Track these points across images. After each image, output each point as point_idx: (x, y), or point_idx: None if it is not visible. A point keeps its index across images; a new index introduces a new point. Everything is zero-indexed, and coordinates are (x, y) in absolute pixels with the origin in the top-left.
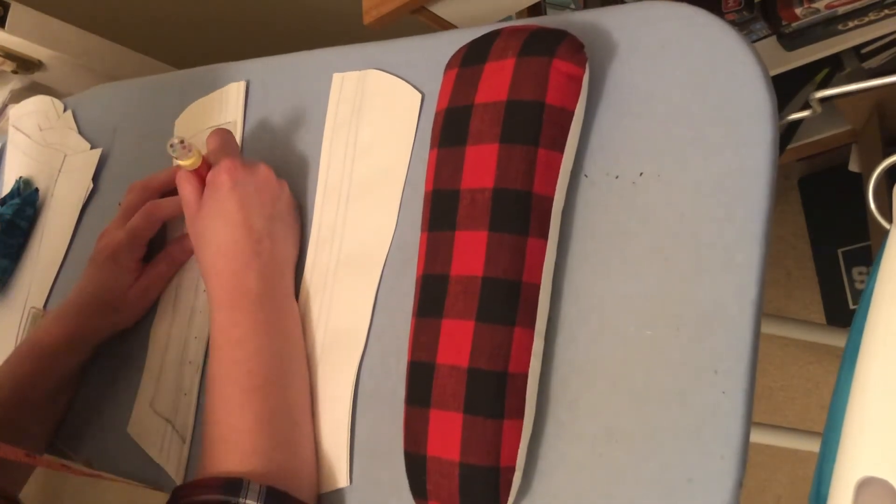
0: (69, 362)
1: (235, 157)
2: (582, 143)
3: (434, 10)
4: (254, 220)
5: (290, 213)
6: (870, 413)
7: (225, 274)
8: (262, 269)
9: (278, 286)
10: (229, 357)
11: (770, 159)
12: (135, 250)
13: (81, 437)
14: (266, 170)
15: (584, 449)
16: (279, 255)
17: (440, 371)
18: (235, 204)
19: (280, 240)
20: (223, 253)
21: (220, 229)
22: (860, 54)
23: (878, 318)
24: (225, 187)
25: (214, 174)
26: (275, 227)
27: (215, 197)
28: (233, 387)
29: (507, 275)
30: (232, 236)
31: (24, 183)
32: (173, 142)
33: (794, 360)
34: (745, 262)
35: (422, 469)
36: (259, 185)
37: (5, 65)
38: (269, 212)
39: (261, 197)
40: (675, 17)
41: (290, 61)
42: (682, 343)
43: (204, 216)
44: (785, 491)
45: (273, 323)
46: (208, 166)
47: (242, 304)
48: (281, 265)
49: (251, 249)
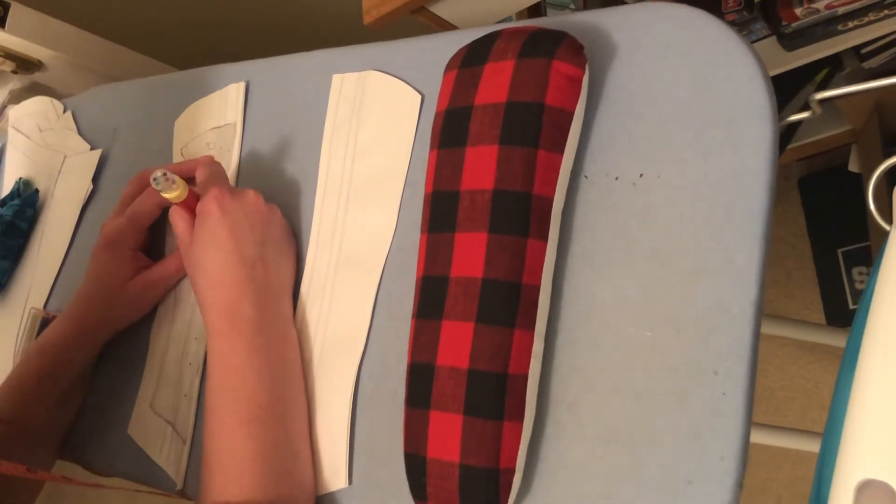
0: (76, 360)
1: (223, 186)
2: (582, 144)
3: (434, 10)
4: (245, 247)
5: (283, 237)
6: (870, 416)
7: (221, 302)
8: (257, 295)
9: (275, 311)
10: (227, 386)
11: (770, 160)
12: (133, 237)
13: (82, 438)
14: (255, 196)
15: (585, 450)
16: (274, 279)
17: (440, 372)
18: (226, 232)
19: (273, 264)
20: (217, 281)
21: (212, 258)
22: (860, 54)
23: (878, 320)
24: (214, 216)
25: (203, 204)
26: (267, 252)
27: (205, 226)
28: (231, 416)
29: (507, 276)
30: (225, 264)
31: (24, 184)
32: (156, 175)
33: (794, 360)
34: (745, 262)
35: (422, 470)
36: (248, 212)
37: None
38: (261, 237)
39: (251, 223)
40: (675, 18)
41: (289, 62)
42: (682, 344)
43: (196, 246)
44: (785, 491)
45: (271, 349)
46: (197, 197)
47: (239, 331)
48: (276, 290)
49: (245, 276)
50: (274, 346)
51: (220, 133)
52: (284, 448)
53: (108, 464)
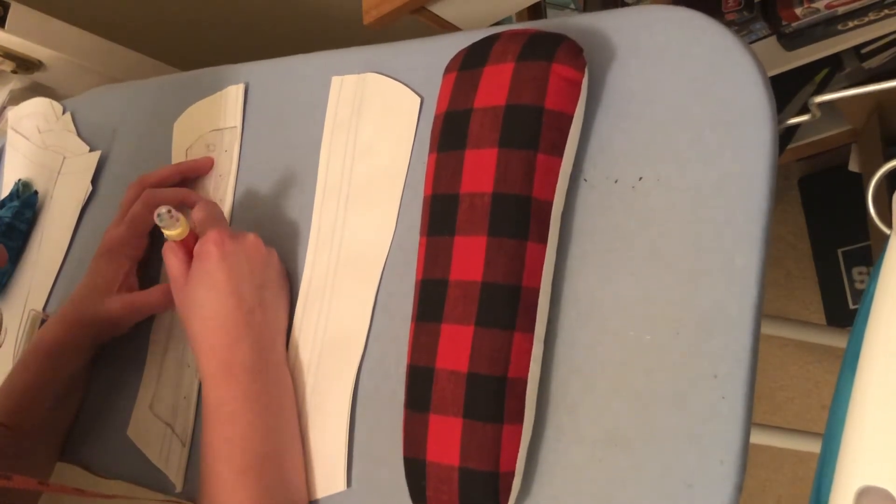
0: (71, 362)
1: (223, 228)
2: (581, 146)
3: (434, 10)
4: (244, 290)
5: (280, 281)
6: (870, 422)
7: (217, 347)
8: (253, 340)
9: (270, 356)
10: (221, 434)
11: (769, 162)
12: (134, 243)
13: (81, 440)
14: (254, 238)
15: (584, 453)
16: (270, 324)
17: (439, 375)
18: (225, 274)
19: (271, 308)
20: (213, 325)
21: (209, 301)
22: (860, 54)
23: (877, 326)
24: (213, 258)
25: (202, 245)
26: (265, 296)
27: (204, 268)
28: (225, 465)
29: (506, 279)
30: (223, 308)
31: (23, 185)
32: (160, 211)
33: (794, 360)
34: (744, 265)
35: (421, 474)
36: (248, 255)
37: (5, 65)
38: (259, 281)
39: (250, 266)
40: (675, 20)
41: (289, 64)
42: (681, 347)
43: (192, 288)
44: (785, 491)
45: (266, 395)
46: (195, 237)
47: (234, 377)
48: (273, 334)
49: (242, 320)
50: (269, 392)
51: (220, 135)
52: (280, 496)
53: (107, 465)
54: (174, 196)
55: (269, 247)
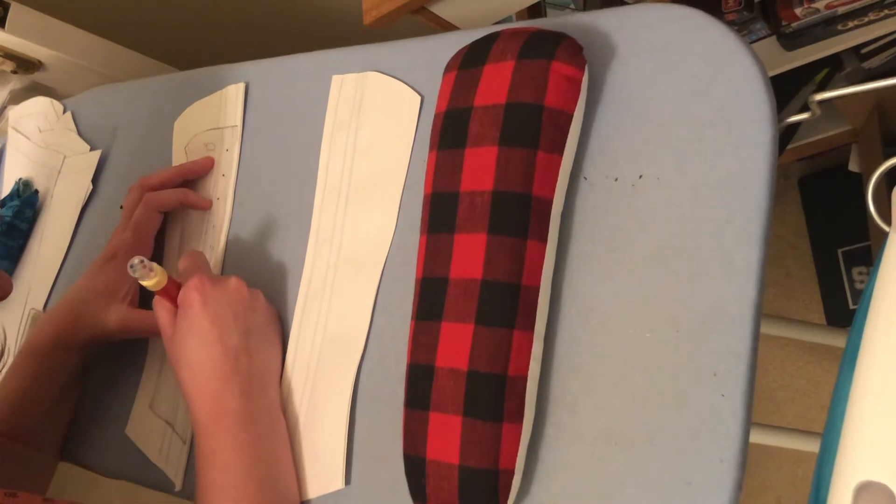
0: (68, 362)
1: (203, 274)
2: (581, 145)
3: (434, 10)
4: (228, 337)
5: (268, 323)
6: (869, 417)
7: (205, 396)
8: (241, 386)
9: (261, 402)
10: (215, 484)
11: (769, 161)
12: (140, 249)
13: (80, 439)
14: (237, 283)
15: (584, 451)
16: (258, 369)
17: (439, 374)
18: (208, 322)
19: (258, 353)
20: (200, 374)
21: (195, 349)
22: (860, 54)
23: (876, 322)
24: (196, 306)
25: (184, 294)
26: (251, 340)
27: (187, 316)
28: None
29: (506, 277)
30: (208, 355)
31: (24, 184)
32: (133, 262)
33: (794, 360)
34: (744, 263)
35: (421, 472)
36: (231, 300)
37: (5, 65)
38: (244, 326)
39: (234, 312)
40: (675, 19)
41: (289, 63)
42: (681, 345)
43: (178, 338)
44: (785, 491)
45: (258, 443)
46: (178, 286)
47: (225, 426)
48: (262, 379)
49: (229, 367)
50: (261, 439)
51: (220, 134)
52: None
53: (106, 464)
54: (174, 198)
55: (254, 289)
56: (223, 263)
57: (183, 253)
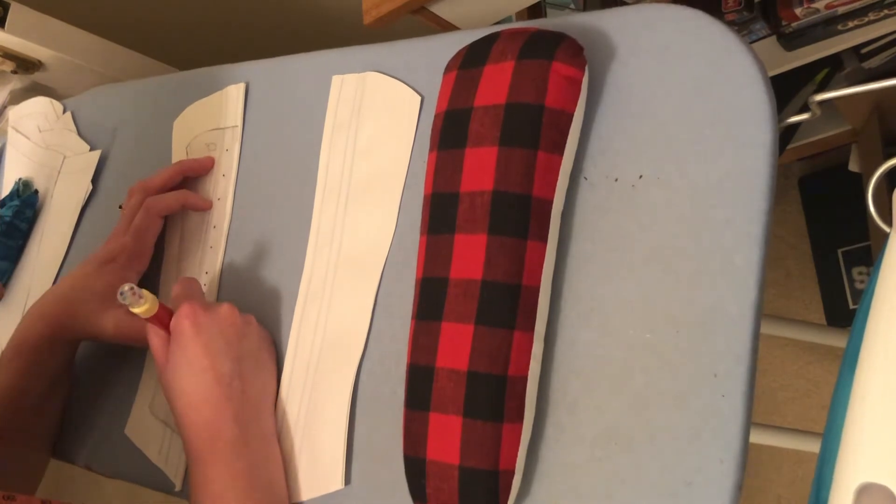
0: (58, 357)
1: (195, 301)
2: (581, 145)
3: (434, 10)
4: (220, 364)
5: (261, 349)
6: (870, 418)
7: (198, 424)
8: (234, 414)
9: (255, 429)
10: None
11: (769, 161)
12: (141, 255)
13: (80, 439)
14: (229, 309)
15: (584, 452)
16: (252, 395)
17: (439, 374)
18: (200, 350)
19: (251, 379)
20: (193, 402)
21: (187, 378)
22: (860, 54)
23: (877, 323)
24: (187, 333)
25: (176, 321)
26: (244, 367)
27: (179, 344)
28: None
29: (506, 278)
30: (200, 383)
31: (24, 184)
32: (123, 289)
33: (794, 360)
34: (744, 264)
35: (421, 472)
36: (223, 327)
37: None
38: (236, 353)
39: (226, 338)
40: (675, 19)
41: (289, 63)
42: (681, 346)
43: (171, 366)
44: (785, 491)
45: (253, 471)
46: (170, 313)
47: (219, 454)
48: (255, 405)
49: (222, 395)
50: (256, 467)
51: (220, 134)
52: None
53: (106, 464)
54: (175, 203)
55: (246, 314)
56: (223, 263)
57: (183, 254)
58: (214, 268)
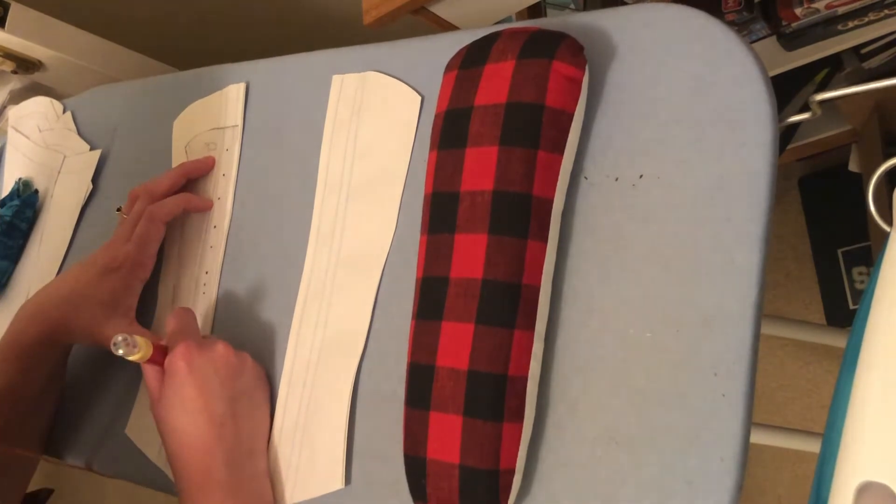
0: (51, 359)
1: (190, 340)
2: (582, 145)
3: (434, 10)
4: (214, 405)
5: (256, 387)
6: (870, 417)
7: (190, 465)
8: (227, 455)
9: (247, 470)
10: None
11: (770, 161)
12: (145, 264)
13: (81, 439)
14: (224, 348)
15: (584, 451)
16: (245, 435)
17: (440, 373)
18: (194, 390)
19: (245, 419)
20: (185, 443)
21: (179, 418)
22: (860, 54)
23: (877, 322)
24: (181, 373)
25: (170, 361)
26: (238, 407)
27: (173, 384)
28: None
29: (506, 277)
30: (193, 424)
31: (24, 184)
32: (116, 340)
33: (794, 360)
34: (744, 263)
35: (421, 471)
36: (217, 367)
37: (5, 65)
38: (230, 392)
39: (220, 378)
40: (675, 18)
41: (289, 63)
42: (682, 345)
43: (164, 405)
44: (785, 491)
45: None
46: (164, 350)
47: (210, 496)
48: (248, 446)
49: (214, 437)
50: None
51: (220, 134)
52: None
53: (106, 465)
54: (177, 208)
55: (241, 352)
56: (223, 263)
57: (183, 253)
58: (214, 267)
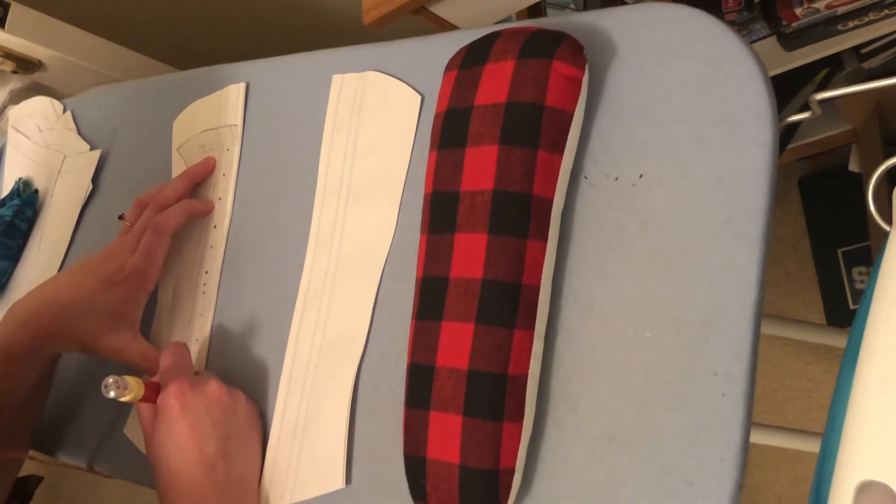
0: (42, 362)
1: (183, 379)
2: (582, 144)
3: (434, 10)
4: (206, 445)
5: (248, 426)
6: (870, 417)
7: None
8: (217, 494)
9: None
10: None
11: (770, 160)
12: (150, 275)
13: (80, 439)
14: (216, 386)
15: (584, 451)
16: (236, 476)
17: (440, 373)
18: (186, 430)
19: (237, 458)
20: (177, 482)
21: (171, 457)
22: (860, 54)
23: (877, 320)
24: (173, 413)
25: (163, 399)
26: (230, 446)
27: (166, 422)
28: None
29: (506, 277)
30: (184, 464)
31: (24, 184)
32: (107, 382)
33: (794, 360)
34: (744, 263)
35: (421, 471)
36: (210, 406)
37: (5, 65)
38: (223, 431)
39: (212, 418)
40: (675, 18)
41: (289, 62)
42: (681, 345)
43: (156, 442)
44: (785, 491)
45: None
46: (156, 388)
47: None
48: (240, 485)
49: (206, 476)
50: None
51: (220, 134)
52: None
53: (106, 464)
54: (182, 215)
55: (234, 390)
56: (223, 263)
57: (183, 253)
58: (214, 267)
